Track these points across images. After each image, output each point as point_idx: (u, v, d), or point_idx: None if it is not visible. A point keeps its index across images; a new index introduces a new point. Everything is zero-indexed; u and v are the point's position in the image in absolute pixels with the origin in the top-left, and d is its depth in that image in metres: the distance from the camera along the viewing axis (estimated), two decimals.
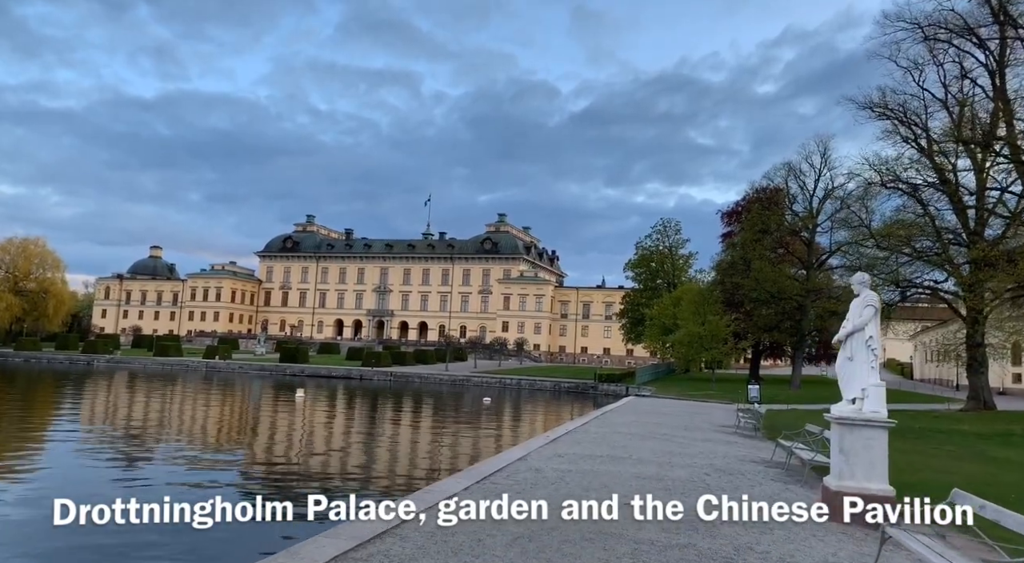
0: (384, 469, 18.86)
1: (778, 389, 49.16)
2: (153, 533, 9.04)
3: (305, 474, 17.62)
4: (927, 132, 31.60)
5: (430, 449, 23.01)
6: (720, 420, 26.00)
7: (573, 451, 13.44)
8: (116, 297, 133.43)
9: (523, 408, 44.80)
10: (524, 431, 28.43)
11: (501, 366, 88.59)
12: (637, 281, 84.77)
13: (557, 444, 14.66)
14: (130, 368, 77.03)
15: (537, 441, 14.99)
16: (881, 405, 8.79)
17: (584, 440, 15.81)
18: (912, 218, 33.00)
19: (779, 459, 13.88)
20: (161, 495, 6.98)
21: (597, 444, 15.12)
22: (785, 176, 55.77)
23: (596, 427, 19.58)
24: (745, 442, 17.34)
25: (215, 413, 34.18)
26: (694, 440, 16.97)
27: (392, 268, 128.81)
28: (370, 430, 29.29)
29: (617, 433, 17.99)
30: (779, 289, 52.87)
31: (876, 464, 8.50)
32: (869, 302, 9.23)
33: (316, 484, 15.80)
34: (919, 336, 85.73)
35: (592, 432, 18.00)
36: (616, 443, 15.55)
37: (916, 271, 32.34)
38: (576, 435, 16.75)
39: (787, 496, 10.44)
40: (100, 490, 13.99)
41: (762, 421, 20.15)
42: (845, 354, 9.26)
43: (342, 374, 72.74)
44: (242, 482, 16.49)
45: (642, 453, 13.78)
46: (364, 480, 16.68)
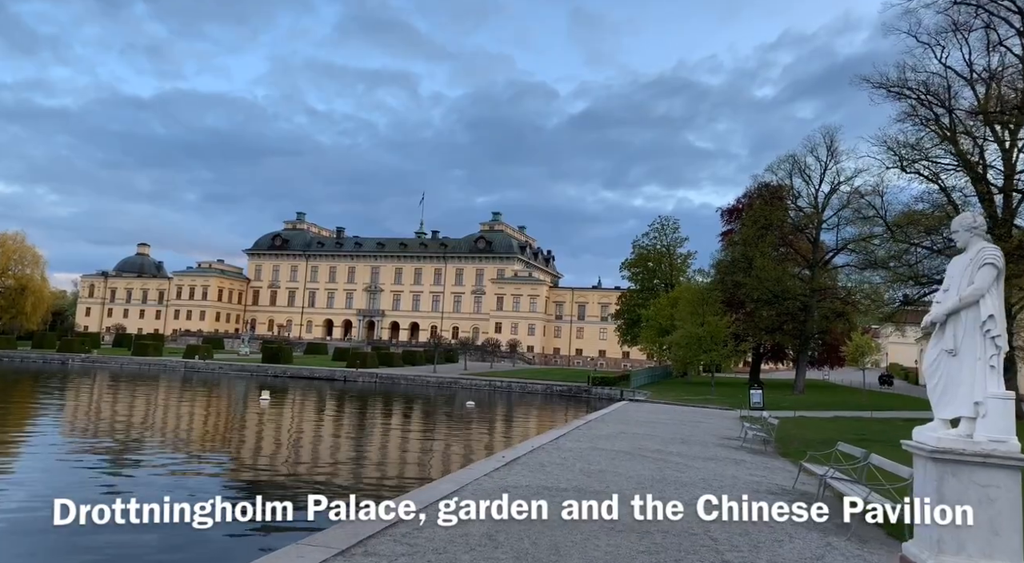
0: (280, 497, 15.44)
1: (781, 394, 46.16)
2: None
3: (227, 487, 14.49)
4: (951, 112, 28.52)
5: (375, 463, 19.51)
6: (722, 430, 22.91)
7: (528, 482, 10.23)
8: (101, 295, 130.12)
9: (506, 413, 41.67)
10: (497, 441, 25.17)
11: (493, 368, 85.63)
12: (634, 281, 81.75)
13: (512, 469, 11.39)
14: (106, 368, 73.86)
15: (487, 464, 11.65)
16: (1008, 429, 5.33)
17: (551, 462, 12.73)
18: (931, 208, 29.90)
19: (804, 487, 10.79)
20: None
21: (566, 468, 11.99)
22: (789, 170, 52.79)
23: (573, 441, 16.48)
24: (755, 461, 14.26)
25: (169, 416, 31.08)
26: (693, 459, 14.06)
27: (383, 267, 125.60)
28: (316, 438, 26.21)
29: (598, 450, 14.96)
30: (782, 288, 49.86)
31: (1002, 528, 5.18)
32: (987, 259, 5.65)
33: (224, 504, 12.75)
34: (925, 340, 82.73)
35: (567, 449, 14.95)
36: (592, 466, 12.49)
37: (937, 266, 29.19)
38: (543, 454, 13.60)
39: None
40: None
41: (774, 433, 17.00)
42: (942, 345, 5.81)
43: (325, 375, 69.56)
44: (153, 493, 13.42)
45: (624, 483, 10.60)
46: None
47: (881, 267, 29.51)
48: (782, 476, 12.30)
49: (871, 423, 27.40)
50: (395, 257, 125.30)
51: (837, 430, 23.44)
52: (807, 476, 10.80)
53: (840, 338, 56.92)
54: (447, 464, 18.37)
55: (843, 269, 52.60)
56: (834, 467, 8.86)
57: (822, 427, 24.65)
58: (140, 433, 25.22)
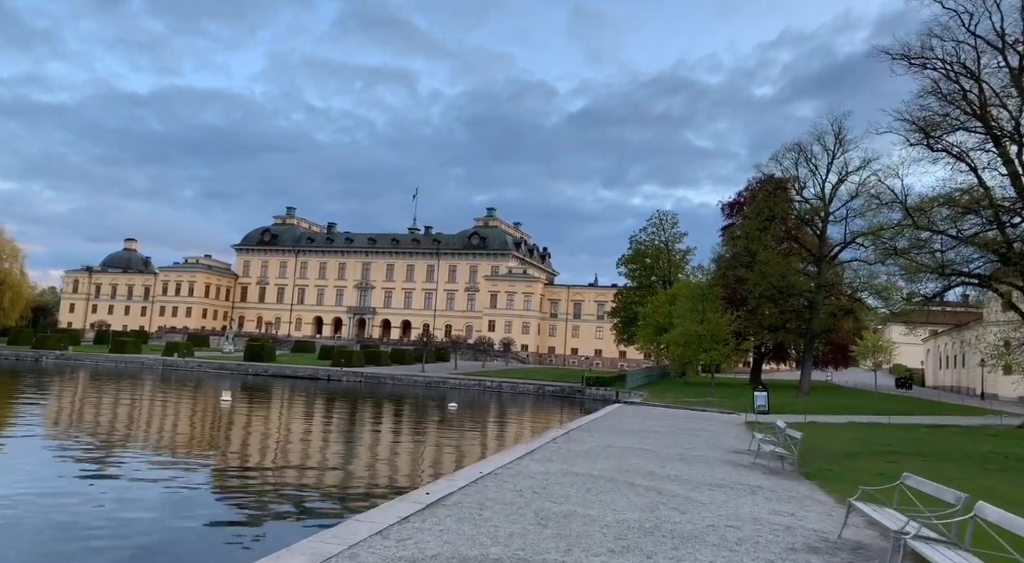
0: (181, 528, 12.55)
1: (785, 396, 43.35)
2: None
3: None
4: (979, 82, 25.57)
5: (289, 485, 16.11)
6: (727, 440, 19.99)
7: (438, 549, 6.25)
8: (85, 291, 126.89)
9: (490, 416, 38.80)
10: (468, 450, 22.06)
11: (485, 367, 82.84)
12: (631, 277, 78.93)
13: (427, 521, 7.33)
14: (80, 365, 71.00)
15: (392, 511, 7.62)
16: None
17: (497, 501, 8.76)
18: (954, 193, 26.93)
19: (853, 535, 7.77)
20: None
21: (515, 513, 8.04)
22: (795, 159, 49.82)
23: (541, 462, 12.73)
24: (776, 487, 11.18)
25: (118, 418, 28.13)
26: (696, 486, 10.91)
27: (375, 263, 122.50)
28: (250, 444, 23.30)
29: (571, 476, 11.38)
30: (787, 284, 46.97)
31: None
32: None
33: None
34: (933, 340, 79.89)
35: (529, 474, 11.23)
36: (555, 507, 8.61)
37: (968, 255, 26.23)
38: (490, 488, 9.71)
39: None
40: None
41: (797, 449, 13.93)
42: None
43: (308, 374, 66.71)
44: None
45: (596, 540, 6.95)
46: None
47: (901, 256, 26.60)
48: (817, 514, 9.28)
49: (893, 431, 24.55)
50: (387, 253, 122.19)
51: (859, 440, 20.56)
52: (859, 518, 7.84)
53: (846, 337, 54.11)
54: (373, 490, 15.16)
55: (851, 264, 49.71)
56: (915, 517, 5.83)
57: (840, 436, 21.78)
58: (75, 434, 22.41)
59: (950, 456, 17.32)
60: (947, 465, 15.68)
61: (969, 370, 60.58)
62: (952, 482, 11.23)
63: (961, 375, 64.51)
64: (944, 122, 25.96)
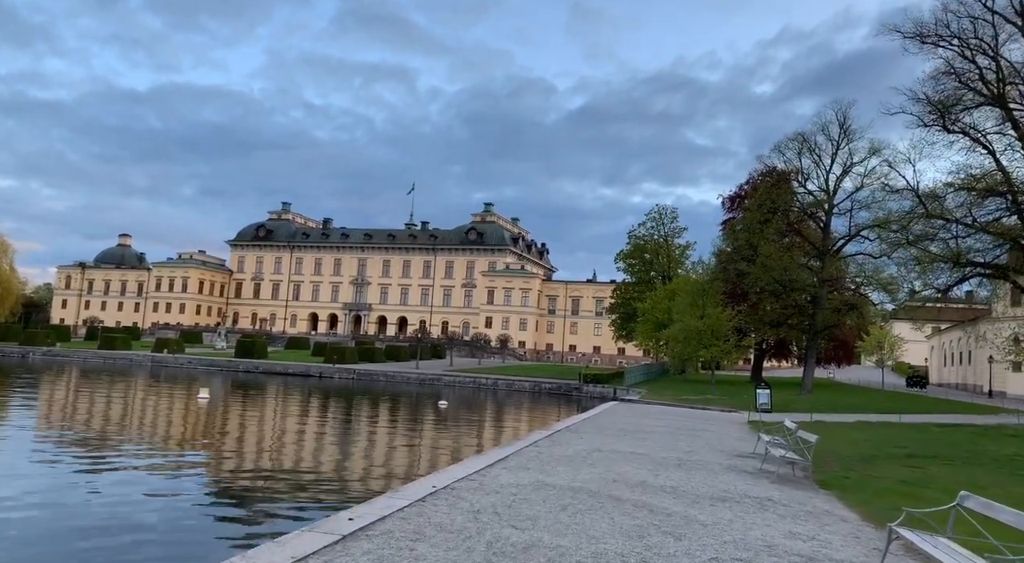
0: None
1: (788, 394, 41.86)
2: None
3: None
4: (997, 59, 24.00)
5: (257, 486, 14.81)
6: (730, 442, 18.49)
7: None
8: (78, 287, 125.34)
9: (480, 415, 37.26)
10: (441, 454, 20.38)
11: (481, 364, 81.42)
12: (629, 273, 77.39)
13: (347, 551, 5.77)
14: (68, 362, 69.49)
15: (303, 541, 5.94)
16: None
17: (443, 527, 6.97)
18: (969, 180, 25.38)
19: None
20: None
21: (460, 546, 6.26)
22: (798, 149, 48.21)
23: (513, 471, 10.90)
24: (789, 500, 9.83)
25: (94, 415, 26.65)
26: (695, 501, 9.28)
27: (371, 259, 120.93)
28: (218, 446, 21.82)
29: (546, 488, 9.63)
30: (789, 278, 45.46)
31: None
32: None
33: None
34: (937, 336, 78.42)
35: (493, 488, 9.41)
36: (516, 534, 6.87)
37: (982, 243, 24.67)
38: (438, 508, 7.85)
39: None
40: None
41: (811, 453, 12.32)
42: None
43: (300, 371, 65.20)
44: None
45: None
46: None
47: (913, 246, 25.09)
48: (842, 537, 7.85)
49: (905, 431, 23.06)
50: (383, 248, 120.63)
51: (872, 442, 19.07)
52: (898, 546, 6.31)
53: (850, 333, 52.70)
54: (319, 499, 13.47)
55: (856, 258, 48.22)
56: (994, 558, 4.32)
57: (850, 437, 20.28)
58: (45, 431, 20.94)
59: (974, 459, 15.84)
60: (974, 470, 14.20)
61: (976, 367, 59.13)
62: (986, 491, 9.74)
63: (967, 372, 63.05)
64: (965, 99, 24.41)
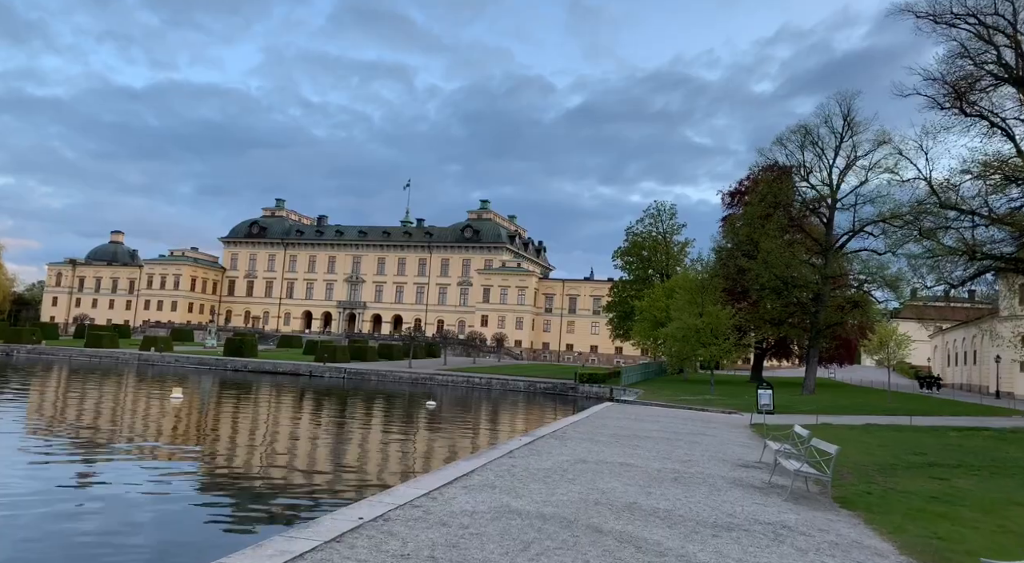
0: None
1: (789, 394, 40.46)
2: None
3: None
4: (1017, 35, 22.54)
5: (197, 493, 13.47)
6: (732, 449, 17.02)
7: None
8: (68, 284, 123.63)
9: (468, 416, 35.82)
10: (417, 461, 18.92)
11: (476, 363, 79.96)
12: (627, 270, 75.87)
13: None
14: (53, 360, 68.00)
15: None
16: None
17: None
18: (985, 169, 23.93)
19: None
20: None
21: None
22: (800, 142, 46.68)
23: (474, 492, 9.11)
24: (808, 526, 8.18)
25: (66, 414, 25.17)
26: (694, 530, 7.62)
27: (365, 257, 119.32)
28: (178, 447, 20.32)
29: (510, 515, 7.87)
30: (791, 275, 43.99)
31: None
32: None
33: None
34: (940, 336, 77.02)
35: (445, 514, 7.69)
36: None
37: (1002, 235, 23.25)
38: (363, 546, 6.24)
39: None
40: None
41: (831, 467, 10.33)
42: None
43: (289, 370, 63.71)
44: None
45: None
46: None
47: (926, 238, 23.67)
48: None
49: (919, 435, 21.61)
50: (378, 246, 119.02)
51: (886, 448, 17.61)
52: None
53: (853, 331, 51.27)
54: (254, 514, 12.00)
55: (860, 254, 46.72)
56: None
57: (861, 441, 18.83)
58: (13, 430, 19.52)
59: (1002, 469, 14.40)
60: (1005, 482, 12.75)
61: (981, 367, 57.75)
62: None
63: (972, 372, 61.65)
64: (982, 81, 22.98)
